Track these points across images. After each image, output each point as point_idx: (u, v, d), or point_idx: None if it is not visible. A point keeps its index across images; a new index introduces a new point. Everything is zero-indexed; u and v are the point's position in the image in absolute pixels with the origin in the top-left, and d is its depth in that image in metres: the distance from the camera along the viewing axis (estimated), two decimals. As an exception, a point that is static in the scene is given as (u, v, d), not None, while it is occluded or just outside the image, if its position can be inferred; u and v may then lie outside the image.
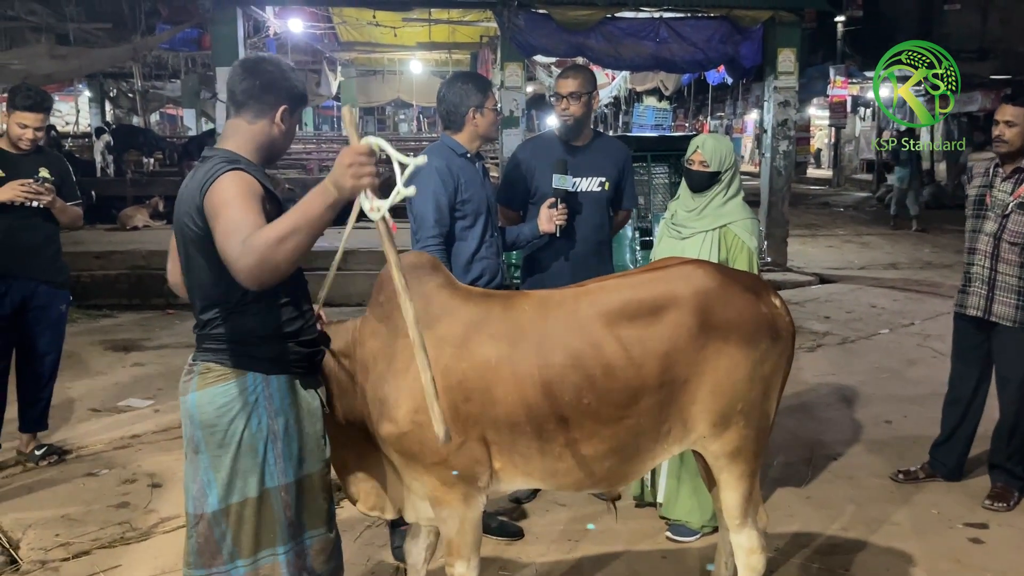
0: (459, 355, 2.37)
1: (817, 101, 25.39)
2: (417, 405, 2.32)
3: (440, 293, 2.45)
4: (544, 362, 2.38)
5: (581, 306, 2.47)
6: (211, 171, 2.08)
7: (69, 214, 4.24)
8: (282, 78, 2.22)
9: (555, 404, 2.37)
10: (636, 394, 2.40)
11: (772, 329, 2.57)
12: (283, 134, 2.26)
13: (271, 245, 1.82)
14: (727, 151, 3.50)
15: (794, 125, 10.38)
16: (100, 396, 5.62)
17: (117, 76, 17.62)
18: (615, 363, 2.39)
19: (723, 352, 2.47)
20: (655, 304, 2.46)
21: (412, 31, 14.16)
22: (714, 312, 2.47)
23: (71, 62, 9.53)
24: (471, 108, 3.30)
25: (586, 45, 9.93)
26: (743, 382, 2.50)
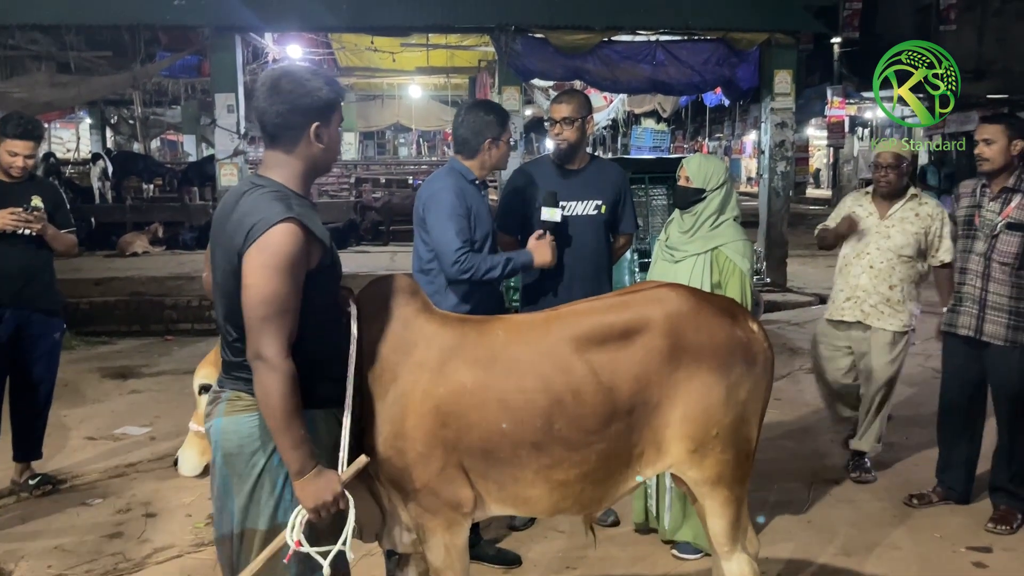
0: (435, 380, 2.35)
1: (815, 121, 25.51)
2: (396, 430, 2.32)
3: (417, 318, 2.43)
4: (515, 387, 2.37)
5: (552, 330, 2.46)
6: (262, 216, 2.03)
7: (63, 241, 4.23)
8: (304, 94, 2.10)
9: (527, 430, 2.36)
10: (607, 419, 2.39)
11: (747, 353, 2.53)
12: (324, 150, 2.18)
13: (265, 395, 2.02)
14: (713, 170, 3.51)
15: (792, 146, 10.41)
16: (96, 424, 5.59)
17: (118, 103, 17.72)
18: (584, 388, 2.37)
19: (696, 376, 2.44)
20: (626, 327, 2.44)
21: (411, 56, 14.27)
22: (686, 335, 2.45)
23: (71, 90, 9.59)
24: (488, 139, 3.35)
25: (583, 69, 9.99)
26: (717, 407, 2.47)
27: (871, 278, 4.33)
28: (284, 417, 2.01)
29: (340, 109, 2.23)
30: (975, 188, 4.02)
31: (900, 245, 4.27)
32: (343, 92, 2.28)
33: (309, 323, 2.11)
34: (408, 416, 2.33)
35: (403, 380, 2.34)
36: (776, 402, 5.83)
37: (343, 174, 15.01)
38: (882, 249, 4.31)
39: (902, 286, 4.30)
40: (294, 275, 2.04)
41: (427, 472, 2.33)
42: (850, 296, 4.41)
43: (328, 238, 2.17)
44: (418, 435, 2.32)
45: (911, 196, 4.35)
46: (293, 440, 2.02)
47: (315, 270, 2.12)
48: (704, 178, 3.48)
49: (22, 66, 11.57)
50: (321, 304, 2.18)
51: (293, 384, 2.02)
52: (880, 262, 4.31)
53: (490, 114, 3.38)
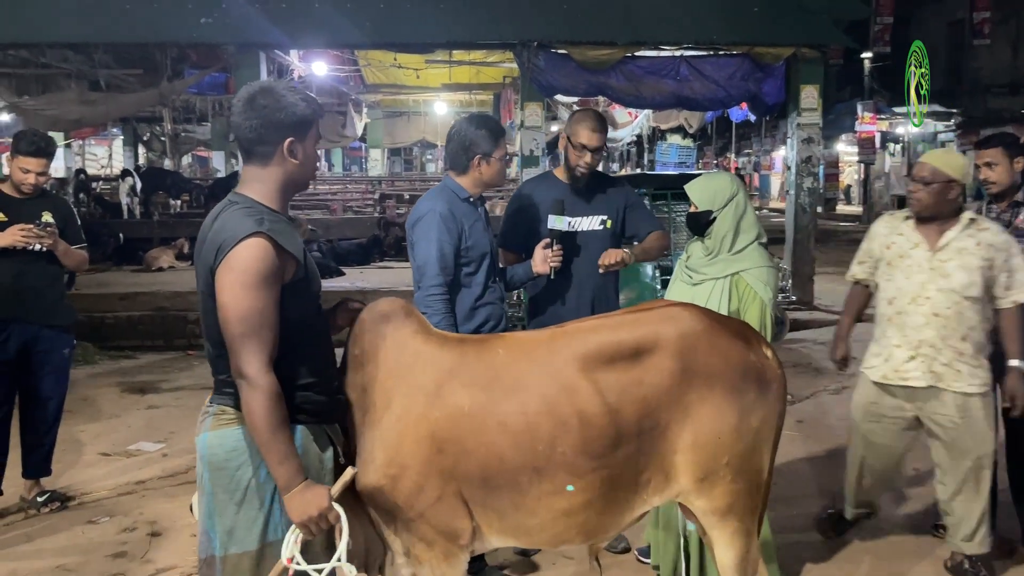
0: (432, 404, 2.27)
1: (846, 137, 25.27)
2: (390, 458, 2.24)
3: (414, 340, 2.36)
4: (517, 409, 2.27)
5: (557, 348, 2.36)
6: (232, 232, 2.03)
7: (73, 257, 4.24)
8: (278, 109, 2.09)
9: (528, 454, 2.25)
10: (613, 443, 2.28)
11: (761, 379, 2.43)
12: (300, 166, 2.16)
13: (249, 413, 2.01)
14: (716, 188, 3.28)
15: (819, 162, 10.24)
16: (111, 439, 5.59)
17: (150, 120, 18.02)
18: (591, 409, 2.27)
19: (707, 400, 2.34)
20: (636, 346, 2.34)
21: (436, 73, 14.31)
22: (698, 357, 2.34)
23: (100, 107, 9.73)
24: (477, 156, 3.23)
25: (606, 84, 9.92)
26: (728, 433, 2.36)
27: (938, 329, 3.42)
28: (269, 432, 2.00)
29: (316, 126, 2.19)
30: (980, 208, 3.91)
31: (964, 285, 3.38)
32: (320, 110, 2.21)
33: (287, 337, 2.09)
34: (403, 443, 2.25)
35: (398, 405, 2.27)
36: (798, 424, 5.69)
37: (368, 190, 15.08)
38: (944, 291, 3.41)
39: (974, 335, 3.43)
40: (267, 290, 2.02)
41: (423, 501, 2.25)
42: (914, 354, 3.48)
43: (301, 252, 2.14)
44: (413, 462, 2.24)
45: (968, 221, 3.44)
46: (279, 455, 2.01)
47: (289, 284, 2.09)
48: (710, 198, 3.26)
49: (55, 84, 11.81)
50: (299, 318, 2.14)
51: (276, 399, 2.01)
52: (946, 308, 3.41)
53: (481, 128, 3.24)
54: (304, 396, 2.17)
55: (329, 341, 2.31)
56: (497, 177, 3.30)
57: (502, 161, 3.27)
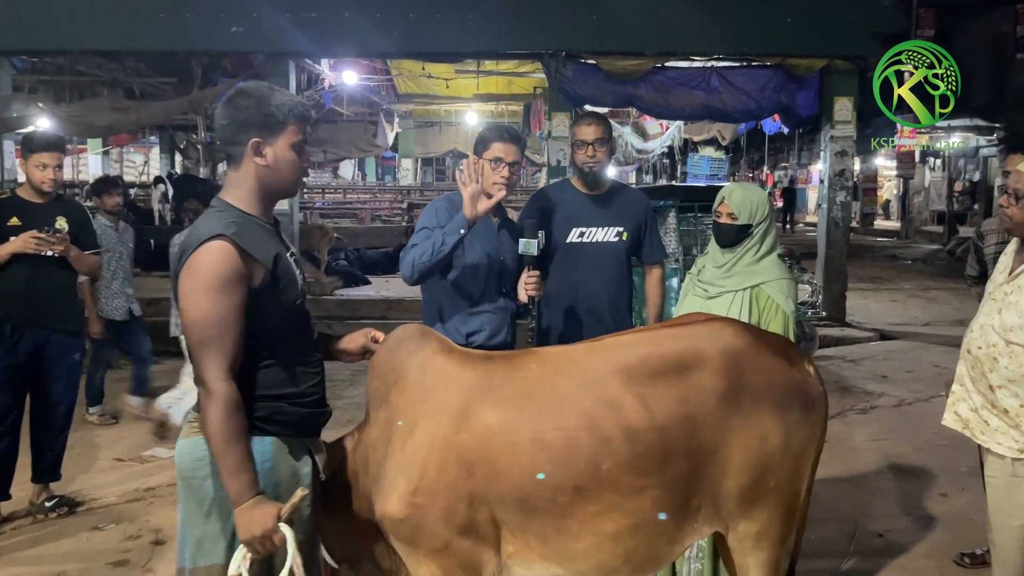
0: (457, 425, 2.16)
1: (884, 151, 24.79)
2: (415, 486, 2.14)
3: (434, 360, 2.27)
4: (553, 425, 2.14)
5: (595, 362, 2.24)
6: (196, 235, 2.00)
7: (86, 263, 4.23)
8: (246, 108, 2.03)
9: (569, 472, 2.12)
10: (661, 461, 2.14)
11: (805, 398, 2.30)
12: (267, 168, 2.08)
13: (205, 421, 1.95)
14: (759, 202, 3.14)
15: (852, 175, 10.02)
16: (127, 444, 5.60)
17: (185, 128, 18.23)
18: (636, 424, 2.14)
19: (753, 420, 2.21)
20: (679, 361, 2.22)
21: (466, 83, 14.30)
22: (744, 375, 2.22)
23: (131, 114, 9.83)
24: (473, 156, 3.19)
25: (635, 95, 9.82)
26: (774, 455, 2.23)
27: (969, 368, 3.00)
28: (223, 442, 1.93)
29: (295, 130, 2.09)
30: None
31: (1008, 326, 2.83)
32: (304, 113, 2.11)
33: (256, 345, 2.03)
34: (427, 469, 2.14)
35: (420, 430, 2.18)
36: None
37: (396, 199, 15.10)
38: (985, 328, 2.91)
39: (1015, 389, 2.85)
40: (228, 295, 1.95)
41: (449, 531, 2.13)
42: (953, 388, 3.09)
43: (271, 258, 2.05)
44: (439, 488, 2.13)
45: None
46: (232, 467, 1.93)
47: (257, 290, 2.02)
48: (750, 212, 3.10)
49: (91, 91, 12.01)
50: (269, 326, 2.07)
51: (233, 409, 1.94)
52: (978, 347, 2.93)
53: (484, 129, 3.23)
54: (276, 407, 2.09)
55: (310, 351, 2.24)
56: (484, 179, 3.12)
57: (493, 165, 3.12)
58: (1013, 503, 2.94)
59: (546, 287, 3.50)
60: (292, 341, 2.16)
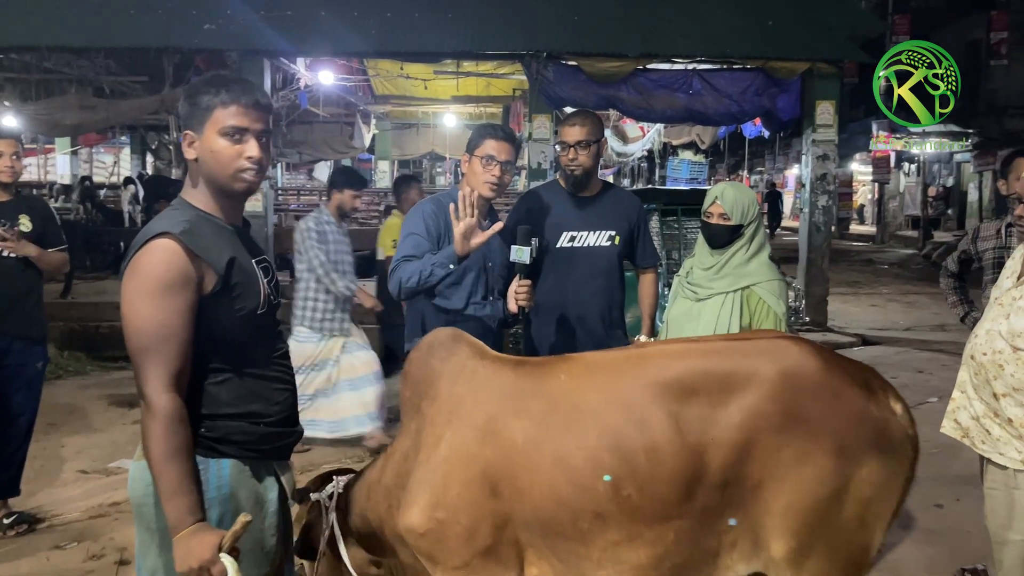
0: (482, 439, 2.01)
1: (860, 156, 24.97)
2: (437, 500, 1.99)
3: (465, 367, 2.12)
4: (575, 443, 1.96)
5: (628, 374, 2.05)
6: (144, 233, 1.85)
7: (49, 261, 4.02)
8: (183, 102, 1.93)
9: (588, 496, 1.94)
10: (690, 489, 1.93)
11: (883, 439, 2.00)
12: (202, 161, 1.91)
13: (143, 437, 1.77)
14: (749, 202, 3.12)
15: (834, 180, 9.98)
16: (92, 456, 5.36)
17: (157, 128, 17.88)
18: (663, 446, 1.93)
19: (809, 458, 1.93)
20: (726, 380, 1.97)
21: (444, 84, 14.12)
22: (803, 403, 1.95)
23: (100, 113, 9.56)
24: (465, 152, 3.06)
25: (617, 97, 9.71)
26: (832, 501, 1.94)
27: (972, 375, 2.88)
28: (160, 461, 1.74)
29: (222, 115, 1.90)
30: (999, 228, 3.63)
31: (1015, 331, 2.71)
32: (234, 96, 1.91)
33: (208, 357, 1.87)
34: (451, 484, 1.99)
35: (446, 442, 2.03)
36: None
37: (374, 201, 14.86)
38: (991, 334, 2.80)
39: (1021, 398, 2.73)
40: (172, 299, 1.77)
41: (470, 549, 1.98)
42: (953, 395, 3.00)
43: (224, 262, 1.87)
44: (461, 505, 1.98)
45: None
46: (168, 488, 1.73)
47: (209, 296, 1.85)
48: (742, 212, 3.07)
49: (59, 89, 11.67)
50: (225, 337, 1.91)
51: (173, 424, 1.75)
52: (984, 353, 2.81)
53: (478, 127, 3.12)
54: (235, 426, 1.92)
55: (279, 366, 2.06)
56: (474, 179, 3.00)
57: (484, 163, 2.97)
58: (1014, 516, 2.83)
59: (536, 294, 3.36)
60: (253, 354, 1.98)
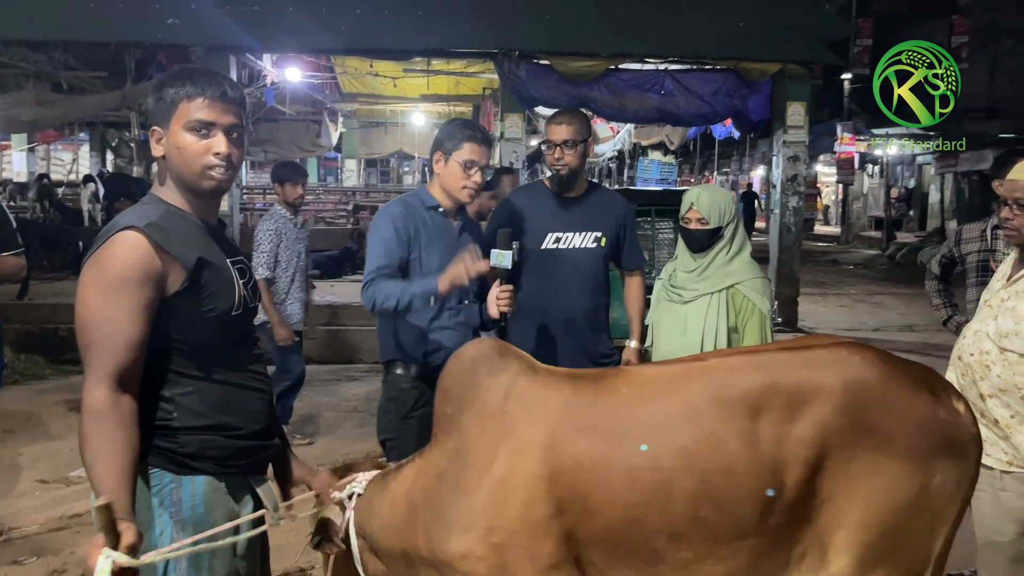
0: (543, 458, 1.90)
1: (824, 158, 25.27)
2: (494, 524, 1.88)
3: (517, 383, 2.00)
4: (649, 463, 1.88)
5: (694, 388, 1.96)
6: (110, 226, 1.76)
7: (2, 265, 3.82)
8: (151, 97, 1.86)
9: (665, 516, 1.87)
10: (765, 508, 1.88)
11: (951, 443, 1.95)
12: (169, 158, 1.83)
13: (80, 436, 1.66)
14: (726, 203, 3.14)
15: (804, 180, 10.04)
16: (51, 465, 5.15)
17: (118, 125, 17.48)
18: (739, 466, 1.86)
19: (881, 468, 1.88)
20: (793, 394, 1.91)
21: (414, 83, 14.00)
22: (871, 414, 1.90)
23: (58, 109, 9.29)
24: (438, 153, 2.90)
25: (589, 97, 9.65)
26: (904, 510, 1.90)
27: (959, 375, 2.84)
28: (87, 458, 1.64)
29: (188, 108, 1.81)
30: (983, 231, 3.63)
31: (1003, 332, 2.69)
32: (199, 90, 1.81)
33: (179, 365, 1.78)
34: (510, 506, 1.88)
35: (501, 463, 1.92)
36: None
37: (341, 200, 14.69)
38: (979, 335, 2.77)
39: (1007, 400, 2.69)
40: (127, 294, 1.68)
41: (532, 570, 1.88)
42: None
43: (192, 258, 1.78)
44: (523, 527, 1.88)
45: None
46: (95, 488, 1.62)
47: (173, 295, 1.75)
48: (719, 215, 3.10)
49: (16, 84, 11.32)
50: (192, 342, 1.81)
51: (102, 419, 1.65)
52: (971, 354, 2.78)
53: (452, 125, 2.94)
54: (208, 440, 1.81)
55: (255, 374, 1.96)
56: (451, 182, 2.88)
57: (462, 165, 2.85)
58: (1001, 518, 2.79)
59: (519, 298, 3.27)
60: (226, 360, 1.87)
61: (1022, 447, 2.70)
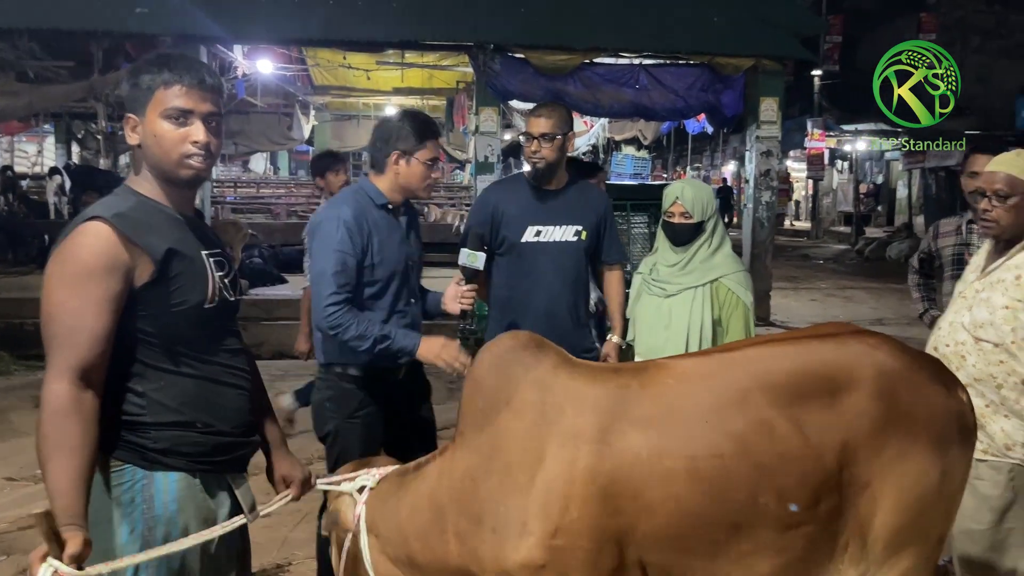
0: (600, 453, 1.85)
1: (794, 153, 25.51)
2: (555, 527, 1.81)
3: (558, 376, 1.96)
4: (707, 451, 1.87)
5: (738, 376, 1.96)
6: (78, 217, 1.73)
7: None
8: (125, 84, 1.81)
9: (727, 506, 1.86)
10: (815, 493, 1.90)
11: (963, 430, 2.04)
12: (145, 147, 1.80)
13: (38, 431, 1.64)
14: (708, 197, 3.17)
15: (776, 175, 10.13)
16: (19, 462, 5.04)
17: (85, 117, 17.19)
18: (791, 451, 1.88)
19: (909, 455, 1.92)
20: (830, 380, 1.94)
21: (387, 76, 13.90)
22: (900, 402, 1.94)
23: (22, 99, 9.10)
24: (396, 152, 2.79)
25: (564, 91, 9.64)
26: (930, 496, 1.95)
27: None
28: (43, 455, 1.63)
29: (164, 96, 1.77)
30: (959, 225, 3.67)
31: (978, 322, 2.74)
32: (176, 76, 1.77)
33: (152, 355, 1.75)
34: (569, 504, 1.82)
35: (554, 459, 1.85)
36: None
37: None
38: (954, 325, 2.82)
39: (982, 389, 2.73)
40: (93, 285, 1.65)
41: (596, 574, 1.84)
42: None
43: (161, 249, 1.74)
44: (582, 528, 1.82)
45: None
46: (48, 487, 1.62)
47: (142, 287, 1.72)
48: (702, 209, 3.11)
49: (-22, 73, 11.08)
50: (163, 334, 1.77)
51: (57, 418, 1.61)
52: (947, 344, 2.83)
53: (404, 122, 2.82)
54: (181, 436, 1.78)
55: (234, 369, 1.92)
56: (415, 182, 2.81)
57: (427, 165, 2.79)
58: (977, 507, 2.81)
59: (498, 291, 3.27)
60: (201, 354, 1.83)
61: (997, 436, 2.75)
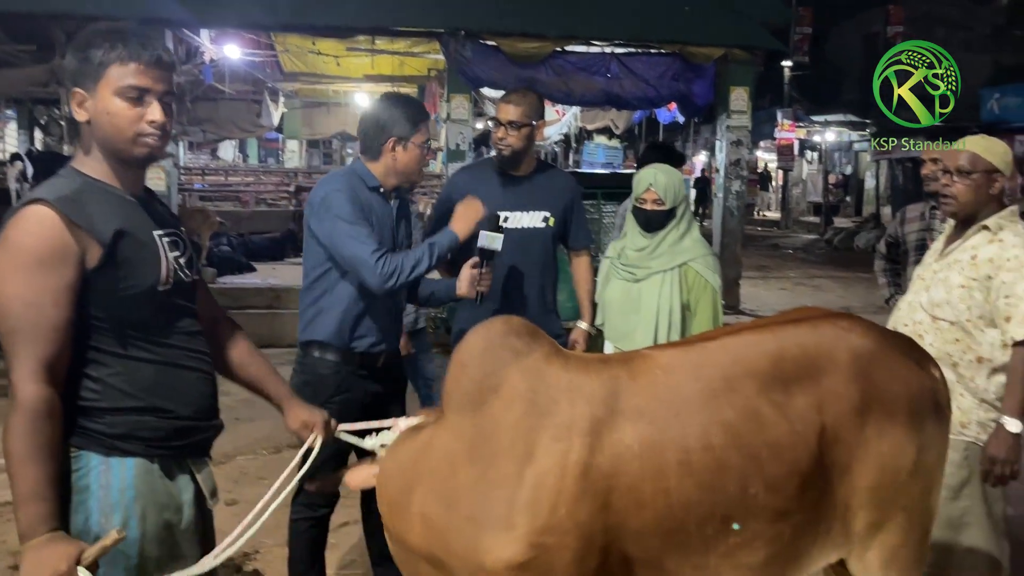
0: (592, 447, 1.80)
1: (764, 144, 25.70)
2: (541, 523, 1.76)
3: (550, 366, 1.90)
4: (700, 443, 1.84)
5: (725, 364, 1.94)
6: (19, 202, 1.68)
7: None
8: (70, 56, 1.74)
9: (718, 498, 1.84)
10: (802, 481, 1.90)
11: (937, 407, 2.08)
12: (96, 124, 1.73)
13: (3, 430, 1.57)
14: (679, 184, 3.18)
15: (746, 165, 10.19)
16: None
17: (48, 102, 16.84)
18: (780, 440, 1.89)
19: (886, 433, 1.95)
20: (809, 364, 1.95)
21: (358, 62, 13.75)
22: (876, 382, 1.97)
23: (-18, 83, 8.85)
24: (392, 139, 2.78)
25: (535, 79, 9.59)
26: (907, 472, 1.98)
27: None
28: (18, 459, 1.55)
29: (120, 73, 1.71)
30: (923, 212, 3.77)
31: (935, 302, 2.80)
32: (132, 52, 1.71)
33: (107, 341, 1.71)
34: (559, 500, 1.77)
35: (545, 453, 1.79)
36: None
37: (283, 182, 14.40)
38: (912, 305, 2.90)
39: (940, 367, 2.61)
40: (45, 274, 1.60)
41: (579, 574, 1.80)
42: None
43: (109, 232, 1.69)
44: (571, 525, 1.77)
45: (981, 228, 2.76)
46: (24, 491, 1.55)
47: (92, 272, 1.67)
48: (674, 196, 3.13)
49: (-66, 56, 10.80)
50: (116, 318, 1.73)
51: (38, 419, 1.57)
52: (905, 324, 2.89)
53: (398, 108, 2.82)
54: (138, 420, 1.74)
55: (193, 352, 1.87)
56: (413, 166, 2.83)
57: (421, 148, 2.80)
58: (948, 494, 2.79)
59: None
60: (157, 338, 1.79)
61: (953, 414, 2.79)
